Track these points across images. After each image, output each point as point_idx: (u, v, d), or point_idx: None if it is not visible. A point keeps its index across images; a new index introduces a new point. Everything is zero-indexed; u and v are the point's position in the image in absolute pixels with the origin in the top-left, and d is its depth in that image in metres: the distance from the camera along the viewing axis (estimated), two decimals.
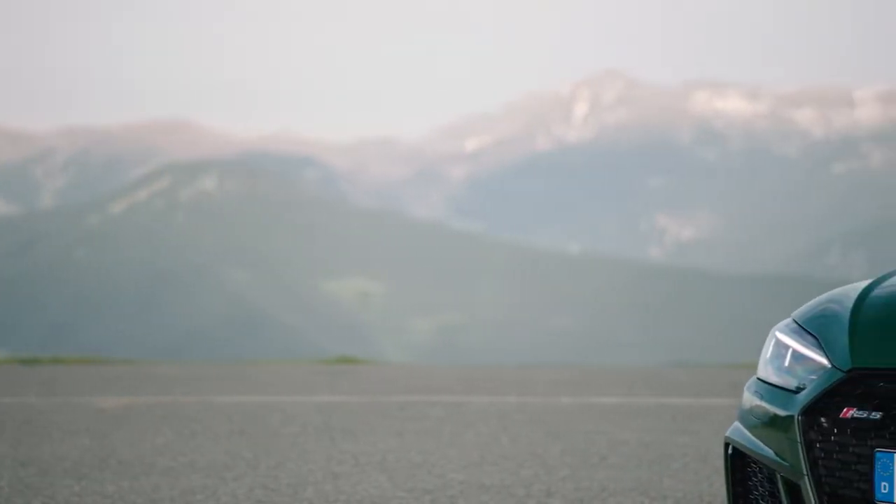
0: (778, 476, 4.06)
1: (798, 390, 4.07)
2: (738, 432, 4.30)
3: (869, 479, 3.80)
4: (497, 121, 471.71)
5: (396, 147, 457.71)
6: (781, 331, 4.32)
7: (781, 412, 4.06)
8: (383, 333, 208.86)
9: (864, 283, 4.36)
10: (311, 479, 7.28)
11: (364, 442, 8.84)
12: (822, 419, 3.92)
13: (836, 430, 3.89)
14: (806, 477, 3.94)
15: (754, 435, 4.20)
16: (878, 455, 3.79)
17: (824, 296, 4.39)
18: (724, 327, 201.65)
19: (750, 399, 4.30)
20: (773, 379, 4.21)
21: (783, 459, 4.03)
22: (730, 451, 4.33)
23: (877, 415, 3.83)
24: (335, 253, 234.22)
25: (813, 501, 3.92)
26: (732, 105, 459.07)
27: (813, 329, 4.20)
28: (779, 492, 4.07)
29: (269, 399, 11.84)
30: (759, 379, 4.31)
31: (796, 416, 3.98)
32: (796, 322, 4.30)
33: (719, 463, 7.87)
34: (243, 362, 18.45)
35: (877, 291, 4.22)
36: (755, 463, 4.21)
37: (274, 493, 6.79)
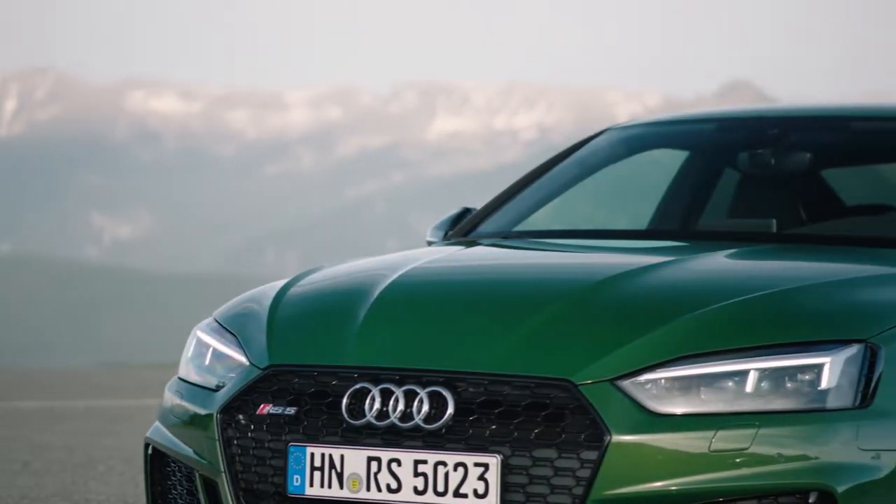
0: (196, 474, 4.07)
1: (218, 388, 4.09)
2: (159, 432, 4.28)
3: (283, 473, 3.87)
4: None
5: None
6: (202, 329, 4.34)
7: (201, 411, 4.08)
8: None
9: (283, 282, 4.43)
10: None
11: None
12: (240, 416, 3.96)
13: (253, 427, 3.93)
14: (223, 474, 3.96)
15: (174, 434, 4.19)
16: (291, 449, 3.87)
17: (245, 294, 4.44)
18: (161, 327, 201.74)
19: (171, 398, 4.29)
20: (194, 378, 4.22)
21: (202, 458, 4.04)
22: (149, 452, 4.30)
23: (291, 410, 3.91)
24: None
25: (229, 497, 3.96)
26: (168, 105, 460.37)
27: (233, 327, 4.23)
28: (197, 490, 4.08)
29: None
30: (180, 378, 4.31)
31: (215, 414, 4.01)
32: (217, 321, 4.33)
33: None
34: None
35: (293, 289, 4.31)
36: (175, 462, 4.20)
37: None
